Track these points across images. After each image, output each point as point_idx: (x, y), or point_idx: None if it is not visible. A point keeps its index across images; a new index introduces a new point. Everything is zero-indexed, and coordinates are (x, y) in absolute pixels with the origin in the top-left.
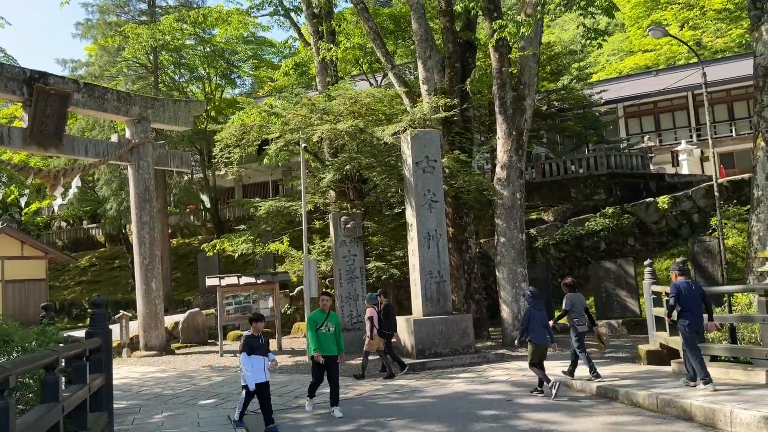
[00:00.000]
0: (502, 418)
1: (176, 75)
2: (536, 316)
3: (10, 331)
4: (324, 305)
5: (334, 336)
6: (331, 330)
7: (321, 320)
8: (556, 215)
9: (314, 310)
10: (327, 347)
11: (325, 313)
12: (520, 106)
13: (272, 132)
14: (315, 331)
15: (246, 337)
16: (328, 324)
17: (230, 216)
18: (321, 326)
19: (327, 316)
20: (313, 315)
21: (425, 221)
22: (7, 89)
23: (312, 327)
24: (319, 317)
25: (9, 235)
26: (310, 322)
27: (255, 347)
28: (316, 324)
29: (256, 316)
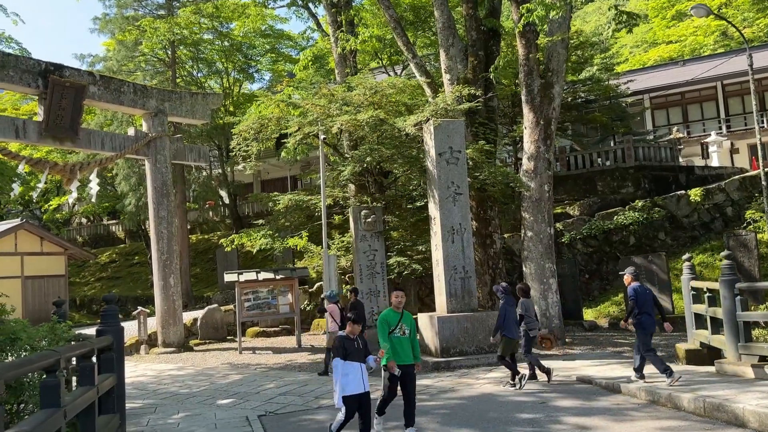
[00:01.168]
0: (539, 423)
1: (194, 70)
2: (510, 312)
3: (17, 329)
4: (397, 303)
5: (410, 340)
6: (406, 333)
7: (395, 321)
8: (583, 209)
9: (385, 309)
10: (403, 354)
11: (398, 312)
12: (548, 94)
13: (290, 125)
14: (388, 334)
15: (340, 338)
16: (402, 326)
17: (249, 211)
18: (395, 329)
19: (401, 317)
20: (385, 315)
21: (449, 215)
22: (23, 81)
23: (384, 330)
24: (392, 318)
25: (28, 231)
26: (381, 324)
27: (350, 352)
28: (389, 326)
29: (357, 316)
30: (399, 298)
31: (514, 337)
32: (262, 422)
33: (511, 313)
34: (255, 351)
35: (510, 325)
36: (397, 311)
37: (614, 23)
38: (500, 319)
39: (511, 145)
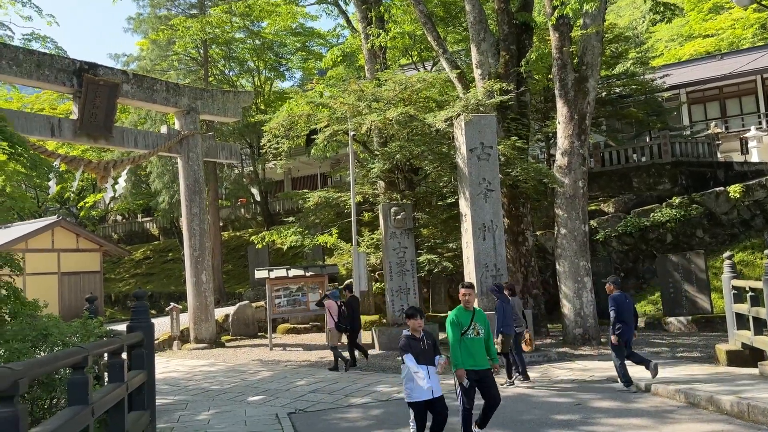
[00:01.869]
0: (575, 425)
1: (226, 68)
2: (507, 310)
3: (49, 325)
4: (467, 300)
5: (484, 341)
6: (480, 333)
7: (467, 321)
8: (618, 206)
9: (455, 308)
10: (478, 358)
11: (469, 310)
12: (583, 88)
13: (320, 121)
14: (460, 336)
15: (405, 338)
16: (476, 325)
17: (279, 209)
18: (467, 329)
19: (473, 315)
20: (456, 315)
21: (480, 211)
22: (58, 80)
23: (455, 331)
24: (464, 317)
25: (65, 228)
26: (452, 325)
27: (417, 353)
28: (461, 327)
29: (412, 310)
30: (469, 295)
31: (511, 333)
32: (292, 420)
33: (508, 311)
34: (285, 348)
35: (507, 322)
36: (468, 309)
37: (650, 15)
38: (500, 318)
39: (544, 141)
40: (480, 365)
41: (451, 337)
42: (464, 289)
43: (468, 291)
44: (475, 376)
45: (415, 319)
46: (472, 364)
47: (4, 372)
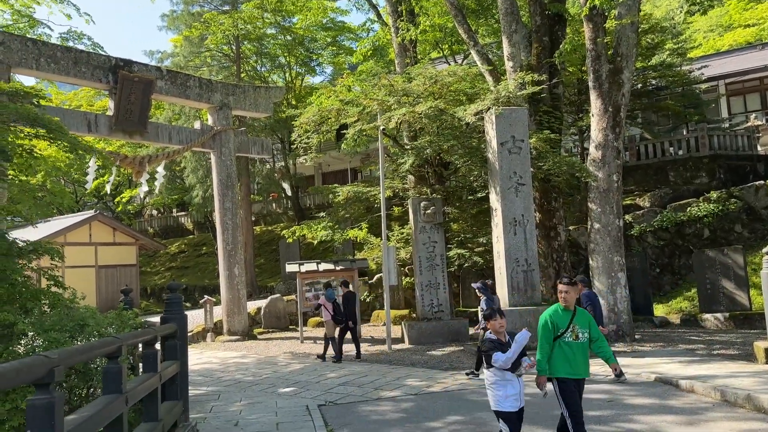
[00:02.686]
0: (609, 420)
1: (258, 64)
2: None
3: (86, 316)
4: (565, 299)
5: (585, 347)
6: (581, 337)
7: (564, 323)
8: (653, 200)
9: (550, 307)
10: (576, 365)
11: (568, 310)
12: (617, 80)
13: (350, 116)
14: (553, 340)
15: (489, 342)
16: (575, 328)
17: (310, 203)
18: (565, 332)
19: (573, 316)
20: (550, 315)
21: (511, 206)
22: (94, 77)
23: (548, 335)
24: (561, 318)
25: (102, 222)
26: (544, 328)
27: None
28: (556, 329)
29: (491, 311)
30: (568, 292)
31: None
32: (322, 412)
33: None
34: (316, 341)
35: None
36: (567, 309)
37: (687, 5)
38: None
39: (577, 135)
40: (578, 373)
41: (539, 340)
42: (563, 285)
43: (567, 288)
44: (576, 385)
45: (496, 320)
46: (569, 372)
47: (40, 360)
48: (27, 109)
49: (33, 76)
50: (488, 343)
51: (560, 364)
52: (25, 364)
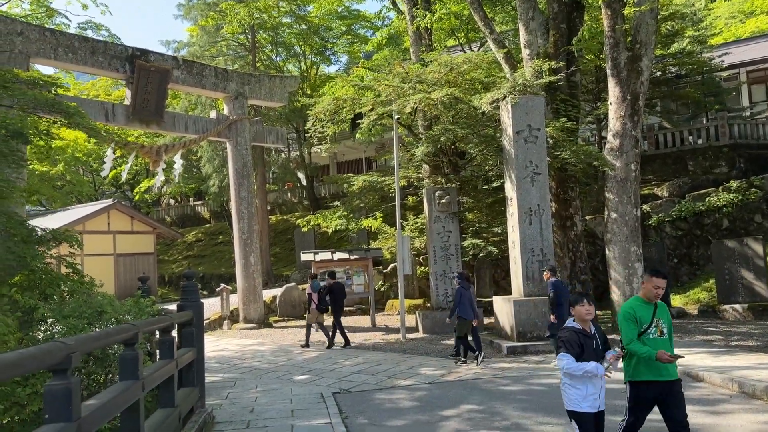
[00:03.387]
0: (623, 411)
1: (273, 54)
2: (465, 295)
3: (104, 303)
4: (653, 290)
5: (669, 343)
6: (664, 333)
7: (647, 317)
8: (672, 190)
9: (630, 299)
10: (662, 366)
11: (650, 303)
12: (636, 68)
13: (364, 104)
14: (638, 336)
15: (570, 330)
16: (659, 323)
17: (325, 193)
18: (649, 327)
19: (655, 310)
20: (631, 307)
21: (526, 195)
22: (111, 67)
23: (632, 329)
24: (644, 312)
25: (120, 211)
26: (626, 321)
27: (586, 351)
28: (640, 324)
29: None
30: (657, 284)
31: (468, 318)
32: (337, 399)
33: (466, 297)
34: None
35: (465, 307)
36: (649, 302)
37: None
38: (456, 302)
39: (595, 123)
40: (665, 375)
41: (625, 338)
42: (658, 278)
43: (658, 282)
44: (657, 390)
45: (582, 305)
46: (655, 374)
47: (57, 346)
48: (45, 96)
49: (51, 65)
50: (568, 333)
51: (643, 365)
52: (42, 350)
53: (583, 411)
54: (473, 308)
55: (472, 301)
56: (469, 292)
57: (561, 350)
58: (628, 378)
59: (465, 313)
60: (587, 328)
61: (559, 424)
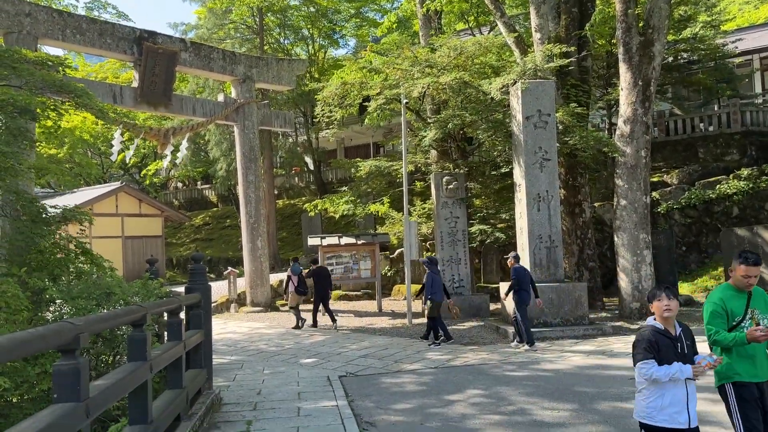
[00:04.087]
0: (631, 398)
1: (281, 37)
2: (436, 280)
3: (112, 284)
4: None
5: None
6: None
7: (740, 308)
8: (682, 177)
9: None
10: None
11: (743, 292)
12: (648, 53)
13: (373, 88)
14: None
15: (650, 331)
16: (755, 314)
17: (332, 178)
18: (742, 320)
19: (749, 299)
20: (720, 298)
21: (535, 181)
22: (119, 49)
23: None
24: (735, 302)
25: (128, 194)
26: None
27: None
28: (731, 317)
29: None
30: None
31: (440, 300)
32: (343, 383)
33: (437, 280)
34: (337, 313)
35: (437, 290)
36: (741, 290)
37: None
38: (427, 286)
39: (606, 109)
40: (758, 375)
41: (711, 332)
42: (747, 266)
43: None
44: (758, 392)
45: (661, 300)
46: (751, 373)
47: (66, 326)
48: (53, 77)
49: (59, 47)
50: (648, 333)
51: (739, 363)
52: (51, 330)
53: (657, 425)
54: (444, 291)
55: (442, 285)
56: (439, 276)
57: (638, 355)
58: (721, 381)
59: (438, 296)
60: (670, 327)
61: (565, 409)
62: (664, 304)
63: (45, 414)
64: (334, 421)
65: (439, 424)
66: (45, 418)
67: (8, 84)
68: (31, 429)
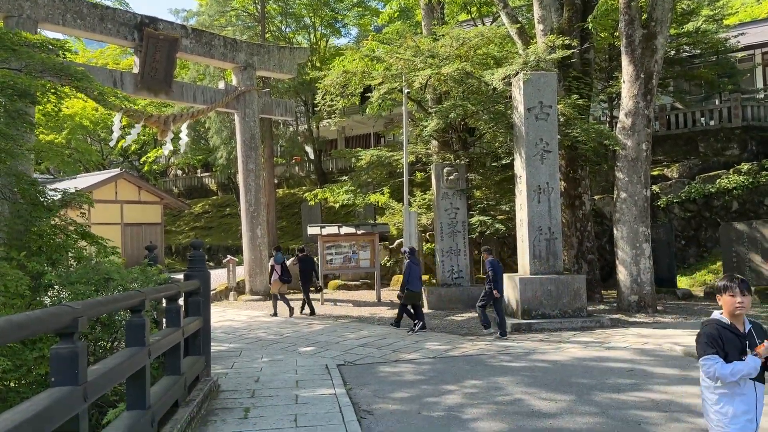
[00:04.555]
0: (627, 389)
1: (283, 25)
2: (414, 270)
3: (111, 270)
4: None
5: None
6: None
7: None
8: (682, 171)
9: None
10: None
11: None
12: (650, 46)
13: (374, 78)
14: None
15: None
16: None
17: (333, 167)
18: None
19: None
20: None
21: (536, 173)
22: (119, 34)
23: None
24: None
25: (127, 181)
26: None
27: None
28: None
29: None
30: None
31: (417, 290)
32: (341, 371)
33: (415, 271)
34: (336, 303)
35: (414, 280)
36: None
37: None
38: (406, 276)
39: (607, 102)
40: None
41: None
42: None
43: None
44: None
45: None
46: None
47: (64, 310)
48: (53, 60)
49: (60, 32)
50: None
51: None
52: (49, 313)
53: None
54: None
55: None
56: (418, 267)
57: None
58: None
59: (415, 286)
60: (739, 324)
61: (562, 400)
62: (738, 300)
63: (43, 397)
64: (332, 409)
65: (436, 413)
66: (43, 401)
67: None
68: (30, 412)
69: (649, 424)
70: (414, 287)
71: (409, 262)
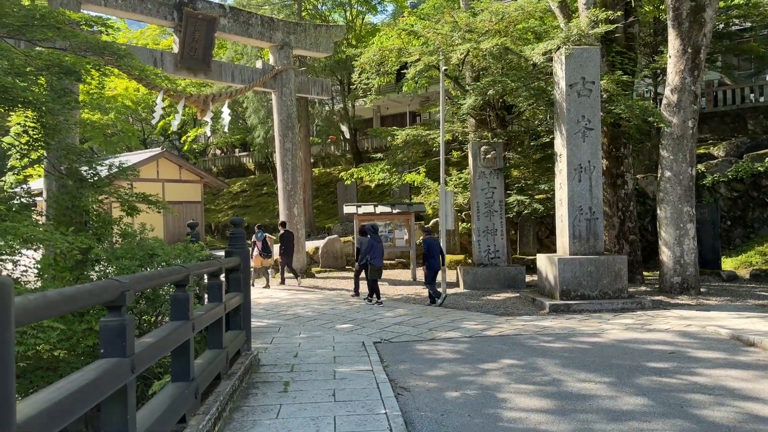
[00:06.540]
0: (670, 373)
1: (319, 3)
2: (376, 247)
3: (155, 246)
4: None
5: None
6: None
7: None
8: (729, 149)
9: None
10: None
11: None
12: (699, 19)
13: (411, 54)
14: None
15: None
16: None
17: (368, 146)
18: None
19: None
20: None
21: (577, 151)
22: (159, 14)
23: None
24: None
25: (168, 160)
26: None
27: None
28: None
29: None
30: None
31: (379, 265)
32: (378, 348)
33: (377, 247)
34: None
35: (376, 255)
36: None
37: None
38: (365, 251)
39: (651, 78)
40: None
41: None
42: None
43: None
44: None
45: None
46: None
47: (113, 283)
48: (96, 38)
49: (101, 12)
50: None
51: None
52: (98, 286)
53: None
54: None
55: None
56: (380, 244)
57: None
58: None
59: (376, 261)
60: None
61: (602, 382)
62: None
63: (93, 368)
64: (369, 385)
65: (472, 391)
66: (93, 372)
67: (53, 46)
68: (81, 381)
69: (692, 407)
70: (377, 263)
71: (371, 239)
